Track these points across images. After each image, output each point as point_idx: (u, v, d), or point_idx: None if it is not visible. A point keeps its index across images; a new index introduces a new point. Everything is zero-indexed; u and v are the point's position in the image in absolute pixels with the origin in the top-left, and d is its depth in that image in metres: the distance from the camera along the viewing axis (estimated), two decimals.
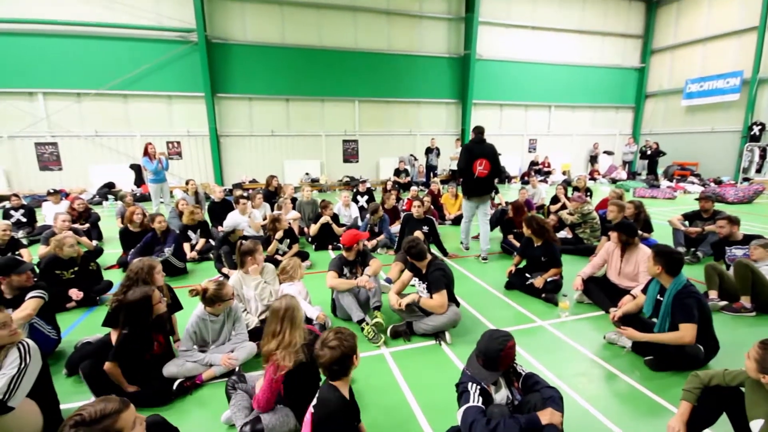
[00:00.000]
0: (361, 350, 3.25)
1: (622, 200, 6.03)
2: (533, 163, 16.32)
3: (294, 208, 7.20)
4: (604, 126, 18.00)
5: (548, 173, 15.85)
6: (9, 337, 2.19)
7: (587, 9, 16.34)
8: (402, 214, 7.76)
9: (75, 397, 2.75)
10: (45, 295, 3.14)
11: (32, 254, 5.36)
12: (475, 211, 5.92)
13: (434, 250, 5.73)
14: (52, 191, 7.61)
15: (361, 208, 8.00)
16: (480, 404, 1.95)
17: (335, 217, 6.67)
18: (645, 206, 5.87)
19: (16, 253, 4.90)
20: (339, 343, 1.93)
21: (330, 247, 6.52)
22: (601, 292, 4.14)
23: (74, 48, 11.41)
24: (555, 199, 8.05)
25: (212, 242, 6.15)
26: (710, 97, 15.19)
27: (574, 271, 4.49)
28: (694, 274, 4.95)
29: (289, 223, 5.84)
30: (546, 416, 1.90)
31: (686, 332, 2.86)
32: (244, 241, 3.79)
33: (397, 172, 13.95)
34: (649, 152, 15.05)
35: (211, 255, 5.82)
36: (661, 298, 3.08)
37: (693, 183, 13.72)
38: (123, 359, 2.67)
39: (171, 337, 3.20)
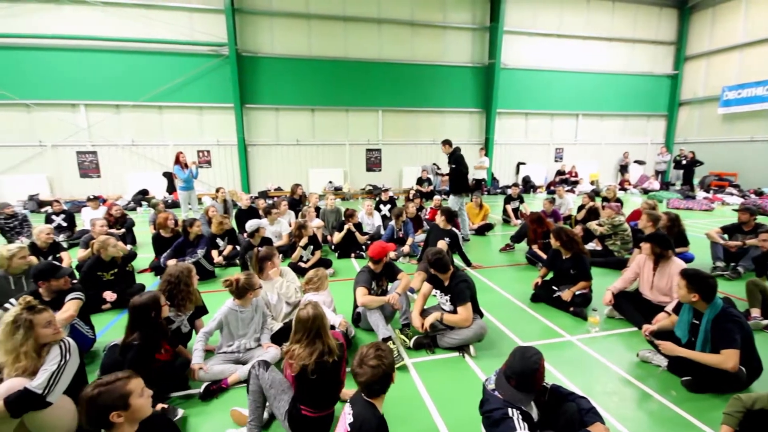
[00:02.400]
0: None
1: (655, 211, 5.80)
2: (559, 173, 15.97)
3: (318, 216, 7.30)
4: (635, 135, 17.45)
5: (575, 183, 15.45)
6: (53, 335, 2.32)
7: (616, 16, 15.99)
8: (425, 223, 7.77)
9: None
10: (83, 297, 3.30)
11: (72, 257, 5.64)
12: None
13: (457, 260, 5.67)
14: (91, 197, 8.01)
15: (384, 217, 8.02)
16: (528, 431, 1.84)
17: (358, 226, 6.71)
18: (680, 219, 5.62)
19: (57, 256, 5.17)
20: (380, 362, 1.90)
21: (353, 255, 6.55)
22: (633, 307, 3.97)
23: (114, 62, 12.07)
24: (580, 208, 7.83)
25: (238, 248, 6.30)
26: (749, 104, 14.47)
27: (604, 284, 4.33)
28: (734, 290, 4.70)
29: (313, 230, 5.95)
30: (596, 430, 1.83)
31: (729, 358, 2.69)
32: (260, 248, 3.95)
33: (420, 181, 13.94)
34: (684, 162, 14.45)
35: (238, 261, 5.98)
36: (697, 322, 2.93)
37: (731, 194, 13.04)
38: (138, 366, 2.65)
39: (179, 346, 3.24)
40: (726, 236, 5.74)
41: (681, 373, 3.01)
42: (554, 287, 4.50)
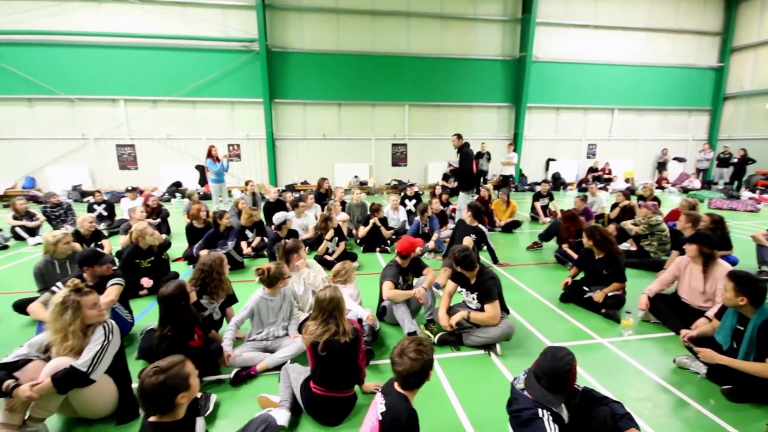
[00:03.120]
0: None
1: (695, 211, 5.51)
2: (592, 170, 15.41)
3: (343, 210, 7.36)
4: (675, 130, 16.59)
5: (609, 180, 14.87)
6: (97, 317, 2.47)
7: (657, 6, 15.17)
8: (450, 219, 7.70)
9: None
10: (123, 282, 3.47)
11: (112, 244, 5.94)
12: None
13: (483, 256, 5.59)
14: (129, 188, 8.39)
15: (409, 212, 8.00)
16: None
17: (384, 220, 6.72)
18: (725, 220, 5.28)
19: (99, 243, 5.45)
20: (419, 356, 1.91)
21: (378, 249, 6.57)
22: (670, 311, 3.79)
23: (152, 59, 12.53)
24: (614, 207, 7.53)
25: (266, 240, 6.45)
26: None
27: (638, 286, 4.17)
28: None
29: (338, 223, 6.02)
30: None
31: None
32: (287, 241, 4.05)
33: (446, 177, 13.77)
34: (735, 159, 13.59)
35: (265, 253, 6.13)
36: (741, 328, 2.78)
37: None
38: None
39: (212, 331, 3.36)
40: None
41: (721, 381, 2.86)
42: (585, 288, 4.35)
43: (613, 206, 7.57)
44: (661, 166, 16.04)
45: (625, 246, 6.12)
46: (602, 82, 15.36)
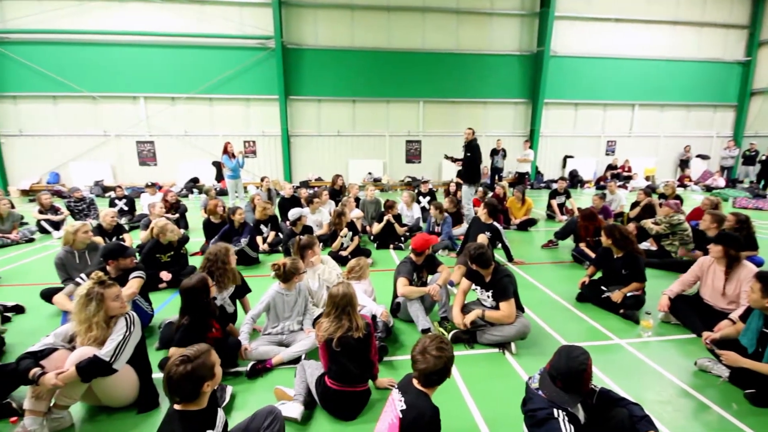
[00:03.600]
0: None
1: (717, 210, 5.34)
2: (611, 167, 15.08)
3: (357, 207, 7.38)
4: (699, 127, 16.06)
5: (628, 178, 14.52)
6: (120, 308, 2.54)
7: None
8: (464, 218, 7.64)
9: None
10: (144, 275, 3.56)
11: (133, 238, 6.09)
12: None
13: (497, 254, 5.52)
14: (149, 184, 8.58)
15: (423, 209, 7.97)
16: None
17: (398, 217, 6.72)
18: (750, 220, 5.11)
19: (120, 237, 5.60)
20: (442, 353, 1.92)
21: (391, 246, 6.58)
22: (692, 312, 3.69)
23: (170, 56, 12.77)
24: (634, 205, 7.36)
25: (281, 236, 6.53)
26: None
27: (658, 286, 4.07)
28: None
29: (352, 219, 6.04)
30: None
31: None
32: (301, 237, 4.09)
33: (460, 174, 13.67)
34: (763, 157, 13.08)
35: (280, 248, 6.19)
36: (767, 330, 2.69)
37: None
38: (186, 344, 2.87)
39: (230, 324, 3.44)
40: None
41: (744, 386, 2.77)
42: (603, 287, 4.27)
43: (633, 205, 7.39)
44: (684, 163, 15.59)
45: (645, 245, 5.98)
46: (623, 77, 14.97)
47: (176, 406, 1.73)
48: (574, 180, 14.69)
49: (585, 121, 15.50)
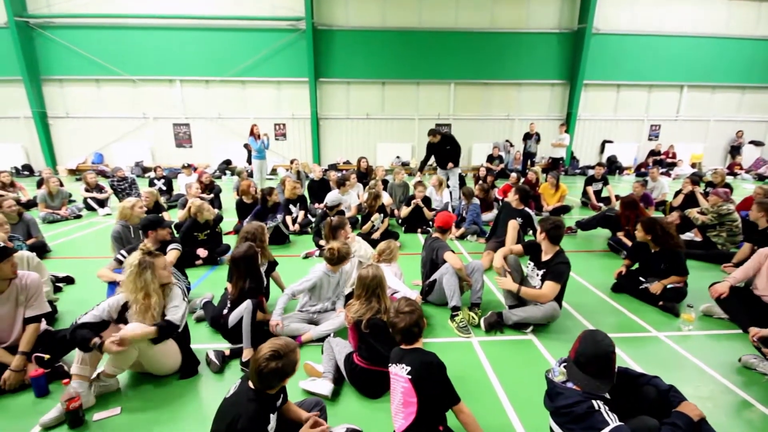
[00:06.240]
0: (448, 337, 3.27)
1: None
2: (653, 152, 14.27)
3: (385, 190, 7.36)
4: (754, 110, 14.84)
5: (672, 165, 13.71)
6: (167, 277, 2.72)
7: None
8: (494, 204, 7.48)
9: (199, 341, 3.24)
10: (180, 248, 3.74)
11: (171, 217, 6.36)
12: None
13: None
14: (185, 165, 8.89)
15: (452, 193, 7.85)
16: (620, 423, 1.69)
17: (427, 201, 6.66)
18: None
19: (159, 215, 5.85)
20: (413, 308, 2.14)
21: (419, 230, 6.55)
22: (741, 305, 3.46)
23: (205, 39, 12.99)
24: (677, 193, 6.94)
25: (310, 217, 6.64)
26: None
27: (702, 279, 3.85)
28: None
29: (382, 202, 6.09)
30: (690, 410, 1.76)
31: None
32: (333, 218, 4.18)
33: (491, 159, 13.36)
34: None
35: (310, 229, 6.31)
36: None
37: None
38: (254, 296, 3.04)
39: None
40: None
41: None
42: (641, 278, 4.09)
43: (676, 193, 6.99)
44: (735, 150, 14.53)
45: (688, 236, 5.66)
46: (671, 56, 13.96)
47: (251, 385, 1.82)
48: (612, 166, 14.03)
49: (627, 103, 14.64)
